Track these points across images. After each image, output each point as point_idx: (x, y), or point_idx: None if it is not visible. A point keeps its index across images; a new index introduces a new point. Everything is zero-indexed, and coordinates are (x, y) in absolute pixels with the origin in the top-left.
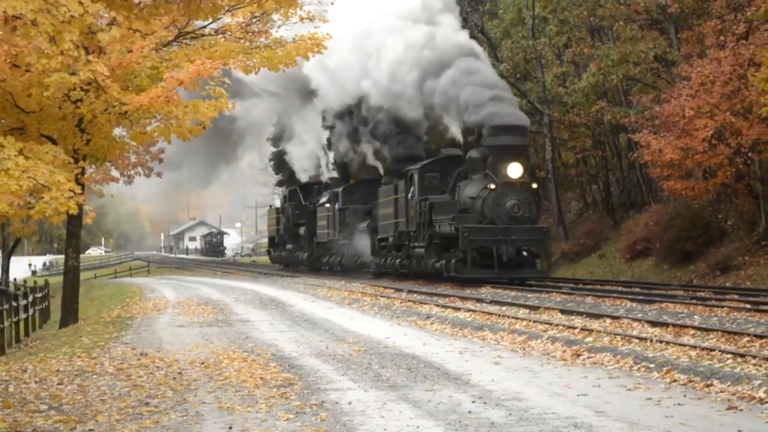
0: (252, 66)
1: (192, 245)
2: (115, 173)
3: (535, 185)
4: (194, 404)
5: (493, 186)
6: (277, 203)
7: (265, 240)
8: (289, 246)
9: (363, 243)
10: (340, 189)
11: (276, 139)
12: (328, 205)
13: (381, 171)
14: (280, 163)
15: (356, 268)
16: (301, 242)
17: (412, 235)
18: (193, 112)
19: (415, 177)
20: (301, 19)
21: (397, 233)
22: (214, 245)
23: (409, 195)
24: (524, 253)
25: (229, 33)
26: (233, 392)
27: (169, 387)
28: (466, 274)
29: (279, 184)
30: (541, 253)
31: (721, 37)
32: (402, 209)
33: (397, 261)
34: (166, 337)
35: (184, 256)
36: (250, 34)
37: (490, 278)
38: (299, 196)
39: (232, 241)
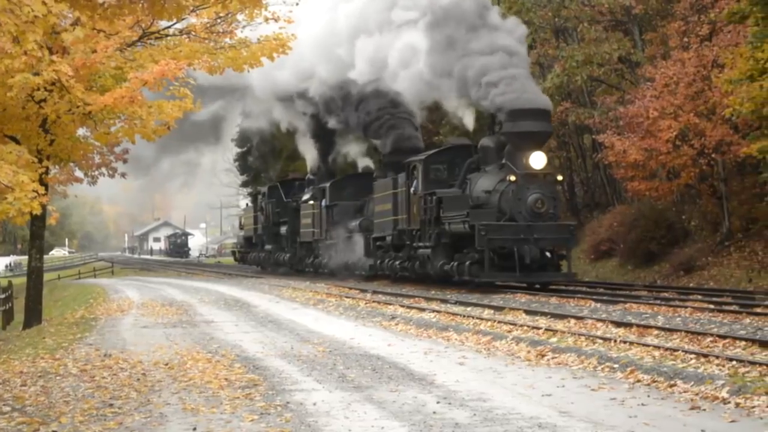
0: (217, 66)
1: (156, 246)
2: (79, 174)
3: (560, 177)
4: (158, 405)
5: (513, 178)
6: (243, 204)
7: (230, 241)
8: (268, 246)
9: (354, 243)
10: (327, 184)
11: (241, 140)
12: (312, 202)
13: (372, 164)
14: (245, 163)
15: (346, 270)
16: (281, 243)
17: (415, 233)
18: (158, 113)
19: (419, 169)
20: (266, 19)
21: (396, 232)
22: (178, 246)
23: (412, 189)
24: (547, 254)
25: (193, 33)
26: (197, 393)
27: (133, 388)
28: (483, 278)
29: (244, 184)
30: (568, 253)
31: (685, 39)
32: (402, 205)
33: (397, 263)
34: (130, 338)
35: (147, 256)
36: (214, 34)
37: (510, 282)
38: (280, 193)
39: (196, 242)
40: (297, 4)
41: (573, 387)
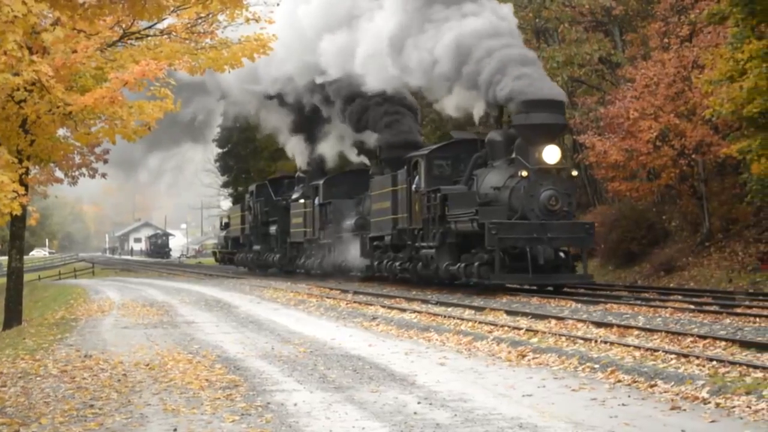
0: (197, 67)
1: (137, 247)
2: (59, 174)
3: (575, 172)
4: (139, 406)
5: (525, 173)
6: (224, 204)
7: (211, 241)
8: (256, 247)
9: (350, 243)
10: (320, 182)
11: (222, 140)
12: (303, 200)
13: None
14: (225, 163)
15: (340, 272)
16: (270, 243)
17: (417, 233)
18: (138, 113)
19: (422, 165)
20: (247, 20)
21: (396, 231)
22: (159, 246)
23: (414, 186)
24: (561, 254)
25: (174, 34)
26: (178, 394)
27: (114, 389)
28: (493, 280)
29: (225, 185)
30: (584, 253)
31: (665, 40)
32: (403, 203)
33: (397, 264)
34: (110, 338)
35: (128, 257)
36: (195, 35)
37: (522, 285)
38: (269, 191)
39: (177, 243)
40: (278, 4)
41: (554, 387)
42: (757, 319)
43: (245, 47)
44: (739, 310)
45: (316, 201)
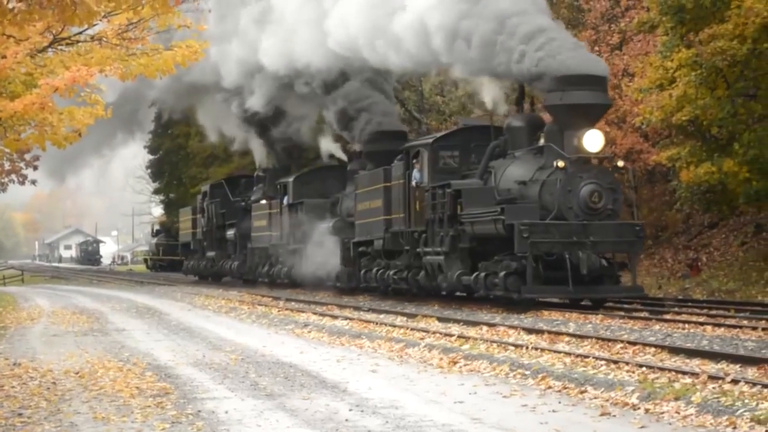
0: (128, 73)
1: (66, 254)
2: None
3: (621, 162)
4: (68, 415)
5: (561, 164)
6: (155, 211)
7: (142, 249)
8: (210, 253)
9: (327, 248)
10: (290, 179)
11: (153, 147)
12: (266, 201)
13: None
14: (157, 170)
15: (314, 282)
16: (227, 249)
17: (418, 236)
18: (69, 119)
19: (424, 156)
20: (179, 26)
21: (389, 235)
22: (89, 253)
23: (413, 181)
24: (604, 262)
25: (105, 39)
26: (108, 402)
27: (43, 397)
28: (525, 294)
29: (156, 191)
30: (634, 261)
31: (596, 48)
32: (399, 201)
33: (391, 272)
34: (39, 346)
35: (57, 264)
36: (126, 41)
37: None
38: (226, 192)
39: (108, 250)
40: (209, 11)
41: (485, 394)
42: (686, 326)
43: (176, 54)
44: (668, 317)
45: (285, 201)
